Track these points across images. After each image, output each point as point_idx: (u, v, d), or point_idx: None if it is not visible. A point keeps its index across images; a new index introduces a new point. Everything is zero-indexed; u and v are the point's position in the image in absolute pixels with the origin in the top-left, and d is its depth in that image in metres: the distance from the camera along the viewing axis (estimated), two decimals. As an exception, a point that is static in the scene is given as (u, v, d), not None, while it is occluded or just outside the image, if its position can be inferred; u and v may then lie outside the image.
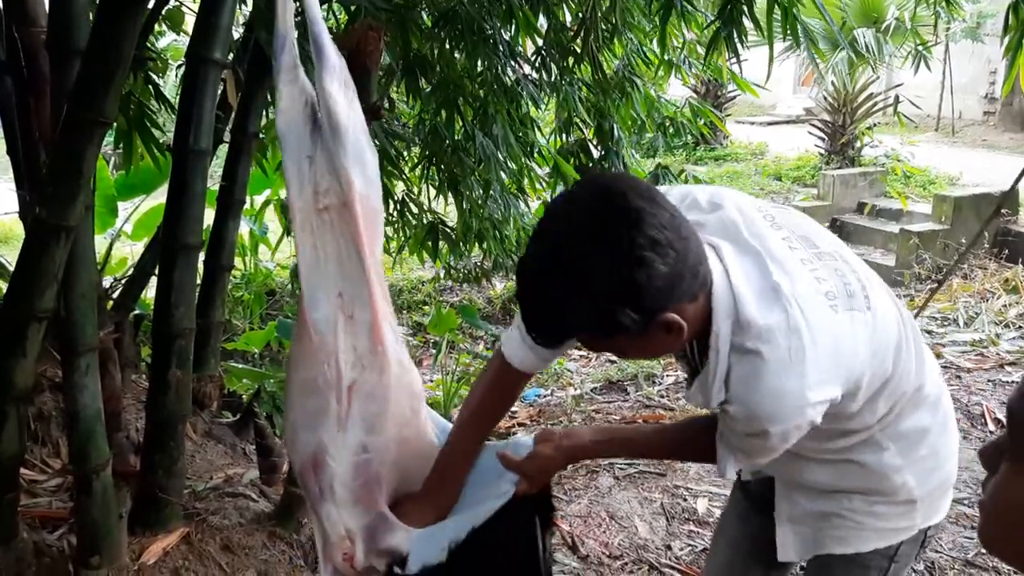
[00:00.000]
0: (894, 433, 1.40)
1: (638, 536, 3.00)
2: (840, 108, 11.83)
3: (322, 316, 1.46)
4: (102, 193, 4.59)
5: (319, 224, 1.46)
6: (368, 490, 1.52)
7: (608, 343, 1.26)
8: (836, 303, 1.24)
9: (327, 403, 1.47)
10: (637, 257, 1.11)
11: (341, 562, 1.53)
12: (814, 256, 1.28)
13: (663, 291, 1.15)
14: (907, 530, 1.48)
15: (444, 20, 3.31)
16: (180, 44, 5.97)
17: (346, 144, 1.46)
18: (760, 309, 1.21)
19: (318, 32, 1.49)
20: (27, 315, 2.03)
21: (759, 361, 1.20)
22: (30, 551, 2.23)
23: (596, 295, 1.14)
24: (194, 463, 2.95)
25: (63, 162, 1.93)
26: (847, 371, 1.24)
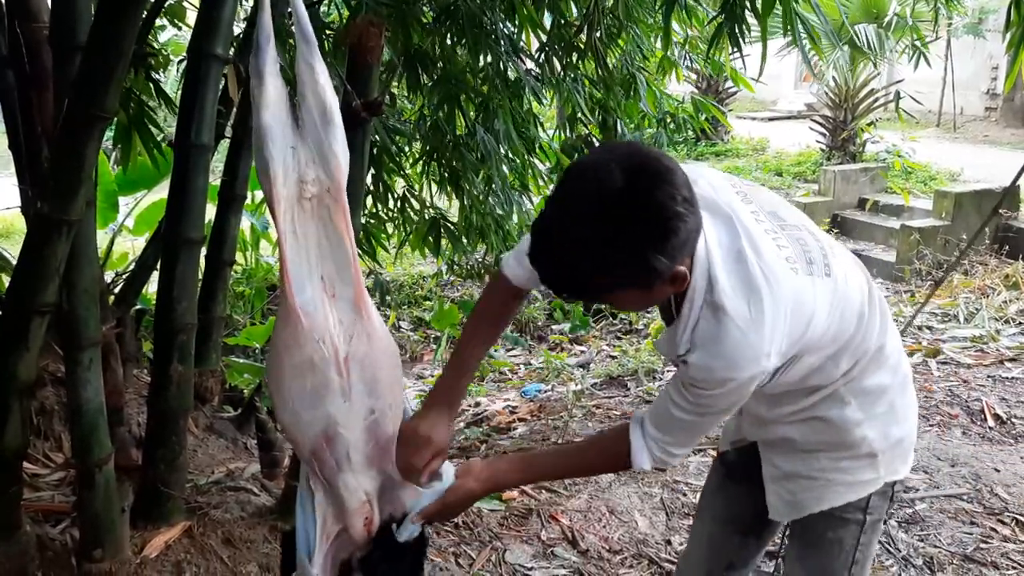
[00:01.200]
0: (856, 388, 1.54)
1: (638, 531, 3.01)
2: (841, 104, 11.81)
3: (308, 298, 1.51)
4: (103, 188, 4.60)
5: (300, 213, 1.51)
6: (380, 450, 1.61)
7: (620, 296, 1.34)
8: (796, 267, 1.38)
9: (328, 378, 1.53)
10: (674, 211, 1.22)
11: (361, 529, 1.62)
12: (778, 227, 1.42)
13: (686, 242, 1.27)
14: (873, 482, 1.61)
15: (445, 15, 3.31)
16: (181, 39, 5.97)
17: (337, 134, 1.51)
18: (727, 270, 1.34)
19: (306, 27, 1.52)
20: (29, 310, 2.03)
21: (723, 316, 1.33)
22: (33, 544, 2.24)
23: (637, 246, 1.22)
24: (196, 457, 2.97)
25: (64, 157, 1.93)
26: (804, 328, 1.38)
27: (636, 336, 6.69)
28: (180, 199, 2.39)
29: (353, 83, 2.24)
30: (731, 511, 1.81)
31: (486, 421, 4.48)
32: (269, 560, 2.42)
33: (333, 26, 3.65)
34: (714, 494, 1.88)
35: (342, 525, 1.64)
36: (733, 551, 1.84)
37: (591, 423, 4.07)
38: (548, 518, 3.03)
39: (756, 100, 15.62)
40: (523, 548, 2.85)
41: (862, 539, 1.63)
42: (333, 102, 1.52)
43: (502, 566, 2.75)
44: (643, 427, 1.53)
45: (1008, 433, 3.78)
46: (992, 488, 3.23)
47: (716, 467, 1.90)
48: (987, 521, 3.04)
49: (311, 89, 1.51)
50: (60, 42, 2.14)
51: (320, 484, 1.62)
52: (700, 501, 1.97)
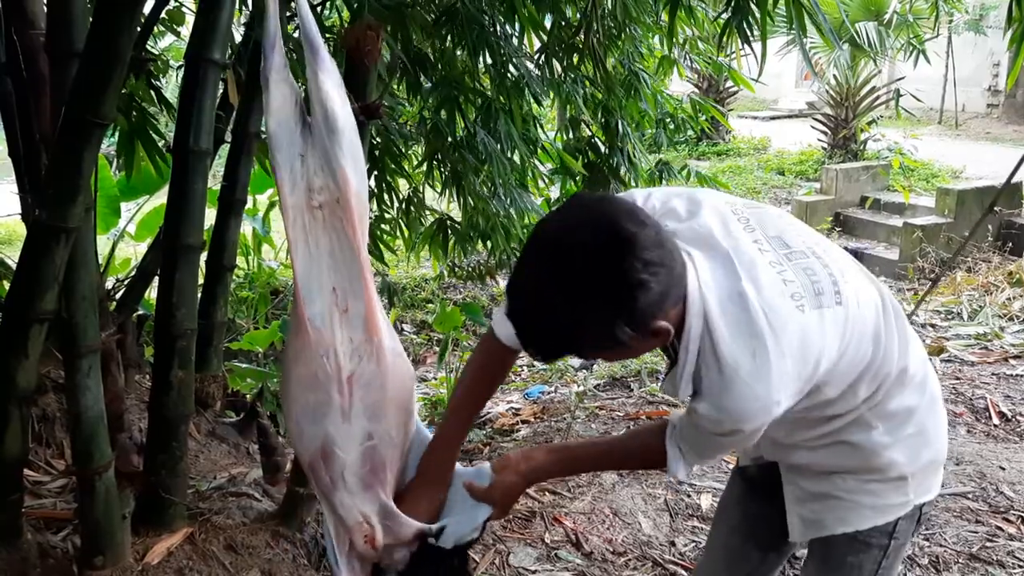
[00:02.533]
0: (882, 413, 1.47)
1: (642, 533, 3.00)
2: (842, 102, 11.81)
3: (318, 311, 1.50)
4: (105, 193, 4.60)
5: (311, 221, 1.50)
6: (375, 475, 1.58)
7: (600, 354, 1.39)
8: (803, 303, 1.31)
9: (329, 396, 1.51)
10: (637, 280, 1.20)
11: (363, 545, 1.59)
12: (784, 257, 1.35)
13: (656, 304, 1.24)
14: (902, 506, 1.54)
15: (446, 17, 3.31)
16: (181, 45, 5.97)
17: (343, 142, 1.49)
18: (726, 315, 1.29)
19: (312, 32, 1.51)
20: (29, 317, 2.03)
21: (726, 367, 1.28)
22: (34, 552, 2.23)
23: (599, 318, 1.23)
24: (197, 463, 2.96)
25: (62, 164, 1.93)
26: (814, 367, 1.32)
27: (639, 337, 6.67)
28: (179, 205, 2.38)
29: (351, 86, 2.24)
30: (750, 526, 1.75)
31: (489, 423, 4.48)
32: (271, 566, 2.41)
33: (333, 29, 3.65)
34: (734, 506, 1.82)
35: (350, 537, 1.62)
36: (752, 566, 1.78)
37: (594, 424, 4.06)
38: (552, 520, 3.02)
39: (757, 99, 15.62)
40: (527, 551, 2.84)
41: (884, 563, 1.56)
42: (338, 109, 1.50)
43: (506, 569, 2.74)
44: (679, 441, 1.49)
45: (1013, 431, 3.76)
46: (998, 486, 3.22)
47: (736, 479, 1.83)
48: (993, 519, 3.02)
49: (316, 97, 1.50)
50: (57, 48, 2.13)
51: (322, 497, 1.62)
52: (718, 510, 1.91)
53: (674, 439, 1.49)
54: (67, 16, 2.09)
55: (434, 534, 1.61)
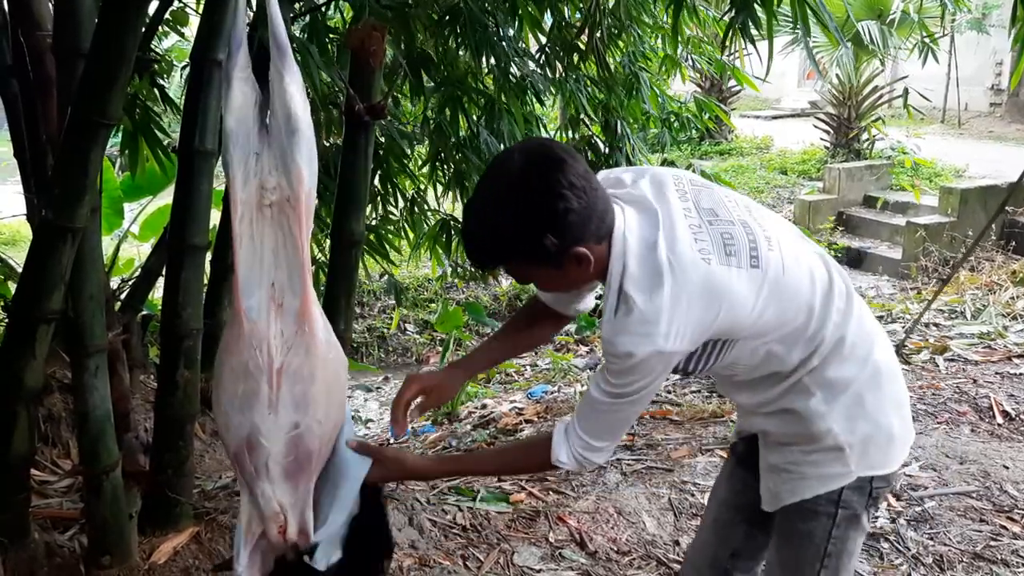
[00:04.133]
0: (819, 379, 1.59)
1: (646, 532, 3.00)
2: (845, 101, 11.79)
3: (254, 304, 1.54)
4: (108, 194, 4.60)
5: (259, 218, 1.54)
6: (298, 465, 1.62)
7: (533, 272, 1.52)
8: (709, 258, 1.46)
9: (258, 386, 1.55)
10: (558, 193, 1.39)
11: (276, 535, 1.63)
12: (706, 223, 1.51)
13: (576, 225, 1.41)
14: (843, 476, 1.62)
15: (449, 17, 3.31)
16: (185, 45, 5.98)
17: (301, 144, 1.52)
18: (639, 259, 1.45)
19: (279, 33, 1.53)
20: (36, 317, 2.04)
21: (629, 299, 1.43)
22: (42, 551, 2.24)
23: (525, 222, 1.41)
24: (203, 462, 2.97)
25: (68, 164, 1.94)
26: (715, 313, 1.45)
27: (642, 336, 6.67)
28: (184, 205, 2.39)
29: (355, 87, 2.25)
30: (738, 499, 1.84)
31: (493, 423, 4.48)
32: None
33: (337, 30, 3.65)
34: (724, 480, 1.92)
35: (263, 528, 1.66)
36: (739, 540, 1.86)
37: (598, 424, 4.06)
38: (556, 520, 3.02)
39: (760, 98, 15.59)
40: (531, 550, 2.84)
41: (834, 532, 1.64)
42: (300, 112, 1.52)
43: (510, 568, 2.75)
44: (567, 425, 1.61)
45: (1017, 430, 3.76)
46: (1001, 485, 3.21)
47: (729, 459, 1.95)
48: (997, 519, 3.02)
49: (279, 96, 1.52)
50: (63, 49, 2.14)
51: (244, 485, 1.65)
52: (712, 488, 2.00)
53: (563, 427, 1.62)
54: (73, 17, 2.10)
55: (309, 551, 1.64)
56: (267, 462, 1.59)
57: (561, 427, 1.62)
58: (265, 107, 1.55)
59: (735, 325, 1.49)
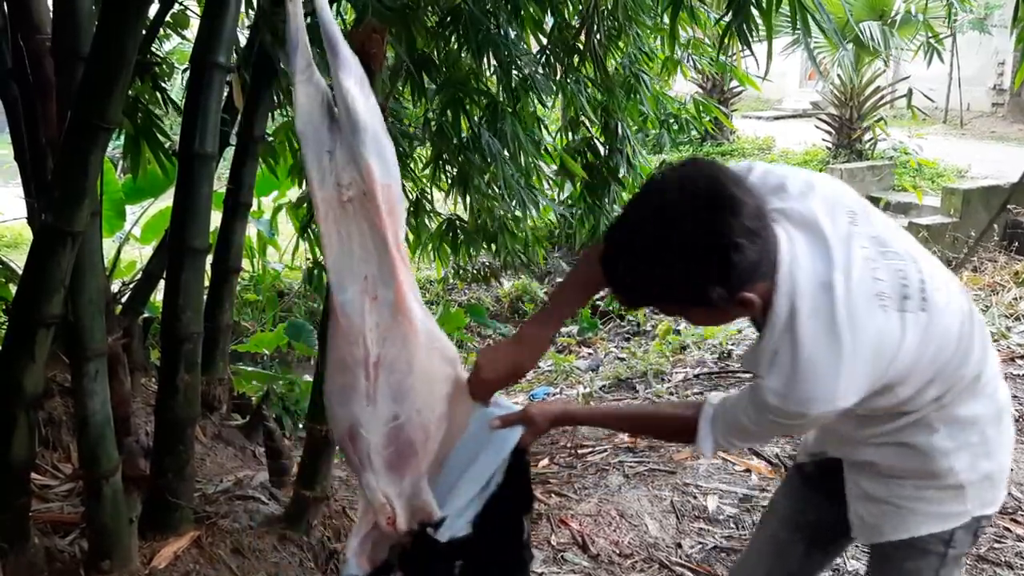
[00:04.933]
0: (947, 416, 1.47)
1: (648, 534, 2.99)
2: (847, 102, 11.78)
3: (348, 299, 1.57)
4: (110, 197, 4.60)
5: (342, 214, 1.56)
6: (400, 456, 1.64)
7: (688, 312, 1.44)
8: (887, 303, 1.34)
9: (356, 380, 1.59)
10: (735, 243, 1.26)
11: (385, 525, 1.66)
12: (879, 255, 1.38)
13: (748, 272, 1.29)
14: (960, 515, 1.53)
15: (450, 18, 3.31)
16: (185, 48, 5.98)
17: (365, 138, 1.54)
18: (812, 302, 1.32)
19: (331, 32, 1.56)
20: (35, 321, 2.03)
21: (800, 352, 1.32)
22: (42, 556, 2.23)
23: (692, 272, 1.29)
24: (204, 466, 2.96)
25: (68, 167, 1.93)
26: (885, 367, 1.35)
27: (644, 338, 6.67)
28: (184, 208, 2.39)
29: (356, 89, 2.24)
30: (803, 517, 1.76)
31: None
32: (278, 569, 2.41)
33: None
34: (786, 498, 1.83)
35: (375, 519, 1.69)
36: (796, 560, 1.78)
37: (600, 426, 4.06)
38: (558, 522, 3.02)
39: (761, 99, 15.58)
40: (533, 553, 2.84)
41: (942, 572, 1.56)
42: (360, 106, 1.54)
43: (512, 572, 2.74)
44: (713, 418, 1.53)
45: (1021, 431, 3.74)
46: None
47: (792, 475, 1.85)
48: (1000, 520, 3.01)
49: (338, 93, 1.55)
50: (63, 52, 2.14)
51: (356, 475, 1.69)
52: (769, 505, 1.92)
53: (709, 416, 1.53)
54: (73, 20, 2.10)
55: (434, 524, 1.66)
56: (369, 453, 1.62)
57: (707, 422, 1.53)
58: (333, 105, 1.58)
59: (898, 375, 1.38)
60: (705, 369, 5.13)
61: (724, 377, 4.90)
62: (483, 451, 1.69)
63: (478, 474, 1.68)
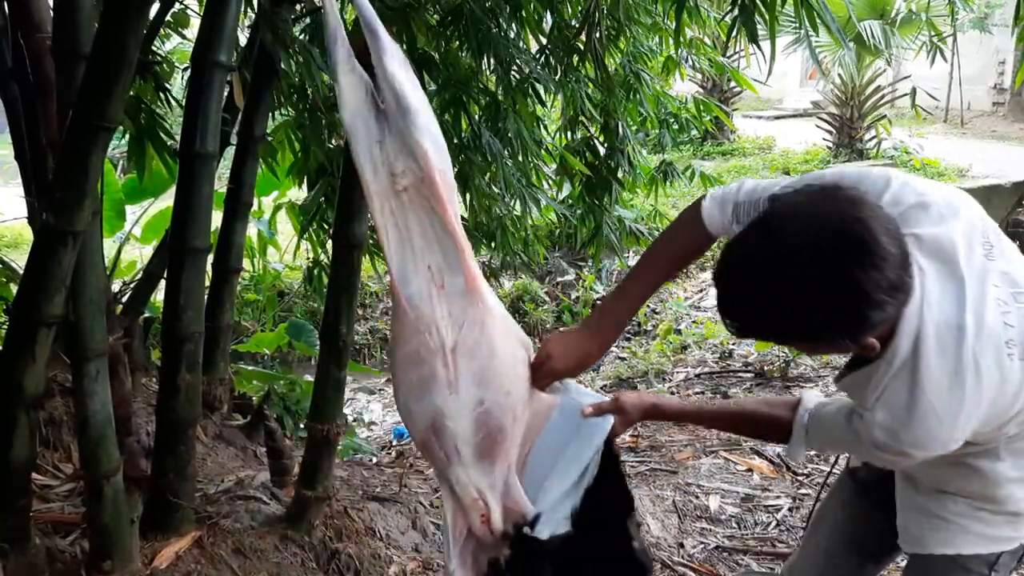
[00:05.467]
0: (1015, 449, 1.43)
1: (650, 534, 2.99)
2: (848, 101, 11.77)
3: (415, 290, 1.53)
4: (110, 197, 4.60)
5: (398, 205, 1.52)
6: (492, 441, 1.57)
7: (801, 346, 1.40)
8: (1014, 352, 1.28)
9: (434, 370, 1.54)
10: (877, 300, 1.19)
11: (480, 525, 1.59)
12: (1011, 296, 1.31)
13: (882, 324, 1.24)
14: (1010, 540, 1.51)
15: (451, 17, 3.30)
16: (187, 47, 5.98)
17: (417, 121, 1.50)
18: (939, 343, 1.27)
19: (370, 19, 1.52)
20: (36, 320, 2.03)
21: (920, 393, 1.27)
22: (43, 556, 2.23)
23: (824, 323, 1.23)
24: (205, 466, 2.96)
25: (69, 167, 1.93)
26: (998, 414, 1.32)
27: (645, 338, 6.67)
28: (185, 207, 2.38)
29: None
30: (856, 530, 1.73)
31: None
32: (280, 569, 2.40)
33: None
34: (840, 508, 1.79)
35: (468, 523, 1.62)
36: (849, 570, 1.76)
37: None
38: (559, 522, 3.01)
39: (762, 98, 15.57)
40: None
41: None
42: (408, 90, 1.51)
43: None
44: (808, 427, 1.50)
45: (1022, 431, 3.74)
46: (1007, 487, 3.20)
47: (845, 481, 1.81)
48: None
49: (384, 80, 1.51)
50: (64, 52, 2.13)
51: (442, 480, 1.62)
52: (821, 511, 1.88)
53: (804, 423, 1.49)
54: (73, 19, 2.09)
55: (529, 523, 1.58)
56: (456, 444, 1.56)
57: (802, 427, 1.50)
58: (377, 94, 1.54)
59: (1001, 419, 1.34)
60: (706, 369, 5.12)
61: (725, 377, 4.90)
62: (572, 441, 1.61)
63: (570, 466, 1.60)
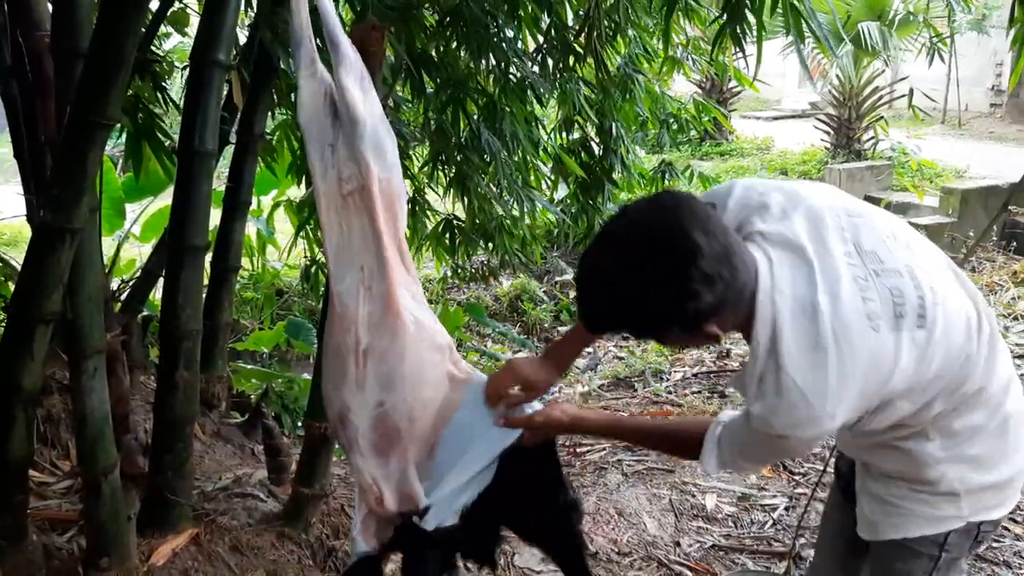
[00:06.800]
0: (943, 427, 1.45)
1: (647, 533, 2.99)
2: (846, 102, 11.79)
3: (345, 288, 1.63)
4: (109, 195, 4.60)
5: (343, 207, 1.62)
6: (388, 440, 1.70)
7: (652, 339, 1.49)
8: (879, 323, 1.31)
9: (347, 366, 1.65)
10: (691, 291, 1.27)
11: (375, 504, 1.73)
12: (872, 273, 1.35)
13: (706, 313, 1.31)
14: (955, 519, 1.51)
15: (450, 17, 3.30)
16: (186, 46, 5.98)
17: (364, 133, 1.59)
18: (795, 326, 1.31)
19: (332, 29, 1.59)
20: (34, 318, 2.03)
21: (784, 376, 1.31)
22: (40, 553, 2.23)
23: (649, 313, 1.32)
24: (203, 464, 2.96)
25: (67, 164, 1.93)
26: (880, 385, 1.33)
27: (643, 337, 6.66)
28: (184, 206, 2.39)
29: (355, 87, 2.24)
30: (852, 533, 1.71)
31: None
32: (277, 567, 2.41)
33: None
34: (836, 511, 1.82)
35: None
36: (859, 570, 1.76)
37: (598, 425, 4.05)
38: (556, 521, 3.01)
39: (760, 99, 15.59)
40: (532, 552, 2.83)
41: (935, 575, 1.54)
42: (358, 103, 1.58)
43: (511, 570, 2.74)
44: (720, 437, 1.52)
45: (1018, 431, 3.75)
46: (1003, 486, 3.20)
47: (835, 483, 1.85)
48: (999, 520, 3.01)
49: (338, 91, 1.59)
50: (62, 50, 2.13)
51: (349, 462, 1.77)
52: (824, 511, 1.92)
53: (716, 434, 1.52)
54: (72, 17, 2.10)
55: (419, 512, 1.71)
56: (356, 437, 1.68)
57: (714, 438, 1.52)
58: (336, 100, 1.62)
59: (894, 392, 1.36)
60: (704, 368, 5.13)
61: (722, 376, 4.90)
62: (476, 443, 1.73)
63: (467, 465, 1.73)
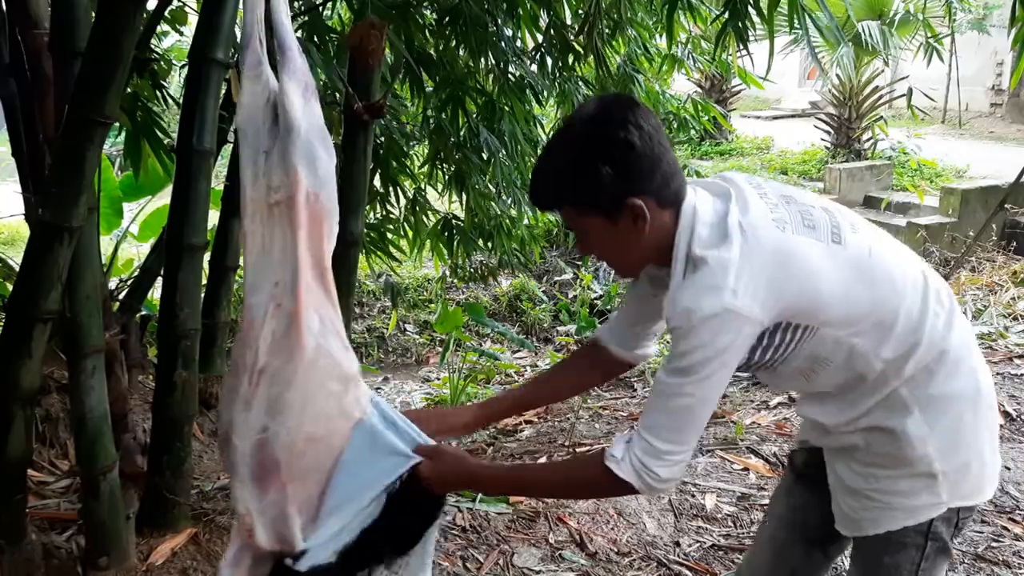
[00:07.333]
0: (920, 395, 1.48)
1: (646, 533, 2.99)
2: (846, 102, 11.78)
3: (257, 302, 1.53)
4: (107, 194, 4.59)
5: (268, 217, 1.52)
6: (264, 471, 1.54)
7: (587, 221, 1.46)
8: (785, 227, 1.41)
9: (240, 384, 1.53)
10: (623, 124, 1.37)
11: (245, 535, 1.55)
12: (783, 202, 1.47)
13: (635, 168, 1.39)
14: (935, 507, 1.52)
15: (449, 16, 3.30)
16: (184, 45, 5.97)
17: (297, 143, 1.51)
18: (708, 225, 1.41)
19: (283, 33, 1.54)
20: (32, 317, 2.03)
21: (698, 262, 1.38)
22: (39, 553, 2.23)
23: (584, 151, 1.40)
24: (201, 463, 2.96)
25: (65, 163, 1.93)
26: (798, 283, 1.39)
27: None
28: (182, 205, 2.38)
29: (355, 86, 2.24)
30: (796, 516, 1.75)
31: (493, 424, 4.47)
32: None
33: (336, 29, 3.64)
34: (782, 496, 1.82)
35: None
36: (797, 560, 1.76)
37: (598, 424, 4.06)
38: (556, 520, 3.01)
39: (760, 98, 15.59)
40: (531, 551, 2.83)
41: (923, 565, 1.54)
42: (296, 111, 1.52)
43: (510, 570, 2.74)
44: (629, 439, 1.45)
45: (1019, 431, 3.75)
46: (1003, 486, 3.20)
47: (787, 472, 1.85)
48: (998, 519, 3.01)
49: (280, 97, 1.52)
50: (61, 48, 2.13)
51: None
52: (769, 502, 1.91)
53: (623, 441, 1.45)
54: (70, 15, 2.10)
55: (294, 555, 1.54)
56: (235, 460, 1.54)
57: (621, 443, 1.45)
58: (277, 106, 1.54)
59: (816, 302, 1.39)
60: (703, 368, 5.12)
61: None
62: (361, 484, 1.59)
63: (350, 506, 1.58)
